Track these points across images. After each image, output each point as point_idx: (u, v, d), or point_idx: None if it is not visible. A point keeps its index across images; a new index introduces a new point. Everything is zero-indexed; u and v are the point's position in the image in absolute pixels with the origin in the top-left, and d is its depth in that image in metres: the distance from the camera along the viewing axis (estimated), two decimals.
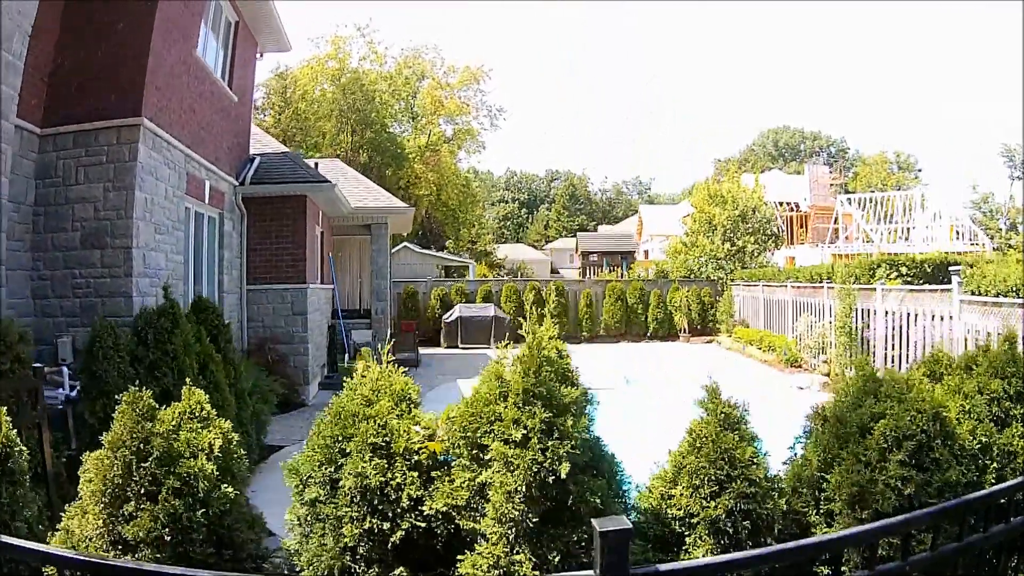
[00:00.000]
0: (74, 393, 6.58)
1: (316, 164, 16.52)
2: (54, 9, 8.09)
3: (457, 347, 21.90)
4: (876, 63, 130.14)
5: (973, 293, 9.59)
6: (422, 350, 20.71)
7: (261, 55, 14.39)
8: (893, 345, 11.80)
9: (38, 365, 7.49)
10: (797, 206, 40.04)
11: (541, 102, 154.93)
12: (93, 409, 6.17)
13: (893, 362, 11.78)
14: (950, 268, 10.53)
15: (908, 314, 11.30)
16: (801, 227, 39.59)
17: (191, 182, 10.26)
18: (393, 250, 26.19)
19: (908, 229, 34.44)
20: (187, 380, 3.79)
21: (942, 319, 10.24)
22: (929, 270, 13.82)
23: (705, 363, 17.51)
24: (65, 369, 7.34)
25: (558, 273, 60.41)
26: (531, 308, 23.17)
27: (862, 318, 12.92)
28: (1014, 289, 8.75)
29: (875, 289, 12.44)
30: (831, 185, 41.03)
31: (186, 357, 6.50)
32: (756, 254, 24.64)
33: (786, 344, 16.21)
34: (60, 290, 8.35)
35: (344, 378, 3.76)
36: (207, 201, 11.09)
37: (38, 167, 8.27)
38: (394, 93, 47.09)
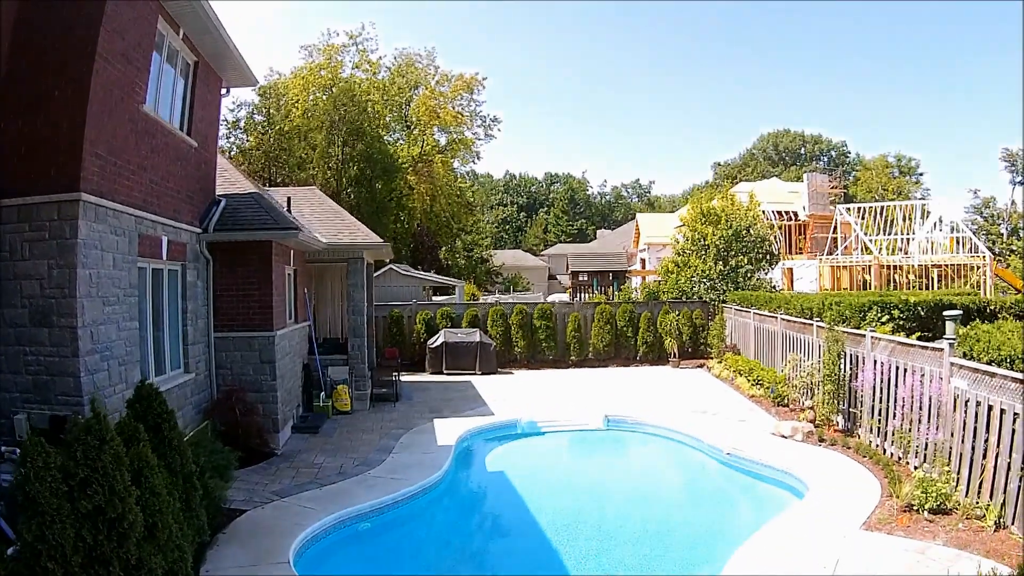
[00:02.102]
0: None
1: (289, 200, 16.22)
2: None
3: (442, 372, 21.60)
4: (876, 64, 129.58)
5: (965, 355, 9.21)
6: (407, 376, 20.50)
7: (227, 91, 14.05)
8: (881, 398, 11.38)
9: None
10: (796, 215, 39.70)
11: (541, 103, 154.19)
12: (29, 528, 5.97)
13: (880, 415, 11.40)
14: (944, 314, 10.15)
15: (897, 367, 10.87)
16: (800, 235, 39.32)
17: (145, 243, 9.98)
18: (378, 272, 25.89)
19: (908, 240, 34.17)
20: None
21: (931, 380, 9.87)
22: (923, 313, 13.41)
23: (690, 397, 17.23)
24: (19, 452, 7.16)
25: (556, 279, 60.33)
26: (517, 333, 22.94)
27: (851, 363, 12.48)
28: (1008, 359, 8.38)
29: (864, 335, 12.00)
30: (830, 194, 40.81)
31: (116, 472, 6.29)
32: (750, 275, 24.21)
33: (775, 379, 15.78)
34: (13, 366, 8.25)
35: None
36: (165, 257, 10.80)
37: None
38: (387, 103, 46.82)
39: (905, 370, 10.60)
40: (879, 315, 13.32)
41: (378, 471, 11.53)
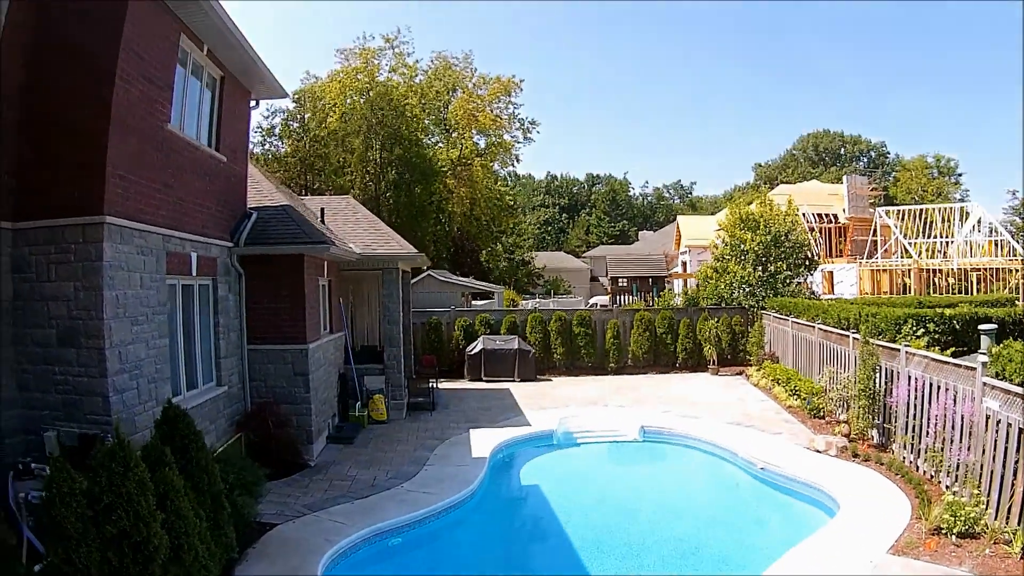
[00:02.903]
0: None
1: (322, 211, 16.27)
2: (12, 100, 7.96)
3: (481, 380, 21.51)
4: (913, 62, 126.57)
5: (997, 375, 8.82)
6: (445, 384, 20.46)
7: (256, 103, 14.04)
8: (914, 414, 11.04)
9: (26, 460, 7.51)
10: (836, 218, 39.26)
11: (582, 103, 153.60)
12: (55, 551, 6.14)
13: (913, 431, 11.08)
14: (980, 328, 9.80)
15: (931, 384, 10.55)
16: (840, 238, 38.81)
17: (173, 260, 10.01)
18: (416, 279, 25.87)
19: (947, 242, 33.63)
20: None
21: (964, 400, 9.51)
22: (958, 327, 13.10)
23: (727, 407, 16.98)
24: (48, 470, 7.25)
25: (597, 280, 59.95)
26: (556, 340, 22.77)
27: (885, 378, 12.18)
28: None
29: (899, 350, 11.65)
30: (870, 196, 40.19)
31: (141, 498, 6.38)
32: (788, 281, 23.74)
33: (812, 391, 15.48)
34: (42, 385, 8.33)
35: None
36: (195, 273, 10.84)
37: (14, 261, 8.24)
38: (425, 107, 46.88)
39: (938, 387, 10.32)
40: (914, 328, 13.10)
41: (410, 484, 11.47)
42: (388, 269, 16.70)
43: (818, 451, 12.39)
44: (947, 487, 9.73)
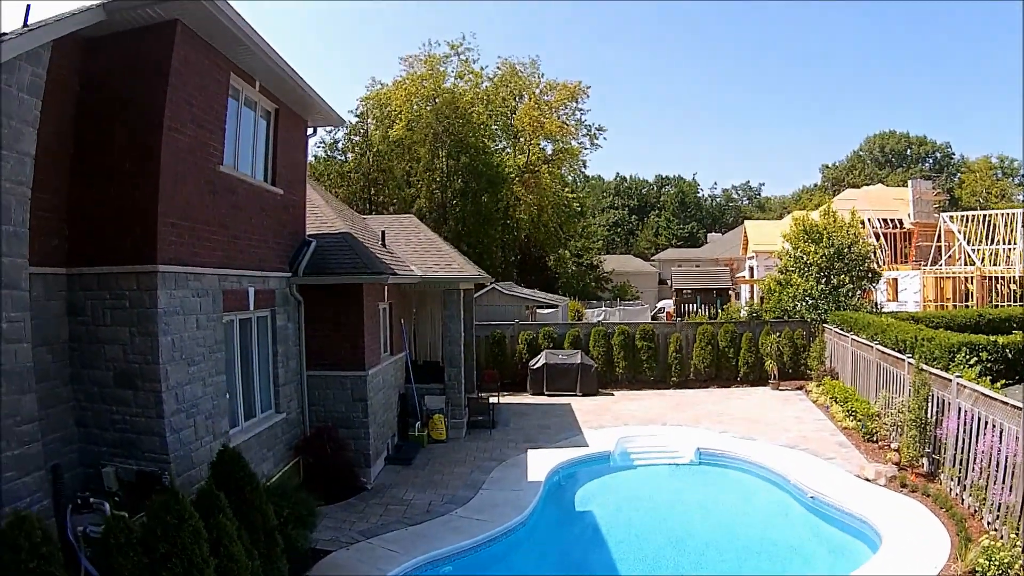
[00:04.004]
0: None
1: (383, 234, 16.47)
2: (63, 153, 8.15)
3: (543, 394, 21.50)
4: (977, 62, 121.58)
5: None
6: (508, 398, 20.59)
7: (314, 131, 14.25)
8: (962, 448, 10.73)
9: (84, 494, 7.83)
10: (901, 223, 38.46)
11: (651, 104, 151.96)
12: None
13: (961, 464, 10.79)
14: None
15: (979, 418, 10.23)
16: (905, 243, 38.04)
17: (230, 297, 10.24)
18: (481, 292, 25.99)
19: (1010, 249, 32.58)
20: None
21: (1008, 438, 9.22)
22: (1011, 356, 12.62)
23: (784, 425, 16.81)
24: (107, 505, 7.57)
25: (666, 283, 59.24)
26: (619, 354, 22.60)
27: (937, 408, 11.86)
28: None
29: (951, 380, 11.26)
30: (934, 200, 39.19)
31: (195, 546, 6.69)
32: (851, 294, 23.09)
33: (867, 413, 15.18)
34: (100, 423, 8.53)
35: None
36: (252, 308, 11.08)
37: (69, 305, 8.45)
38: (492, 114, 47.03)
39: (986, 422, 10.02)
40: (967, 357, 12.76)
41: (464, 510, 11.56)
42: (449, 290, 16.82)
43: (867, 479, 12.30)
44: (988, 523, 9.61)
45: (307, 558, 9.52)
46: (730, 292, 42.82)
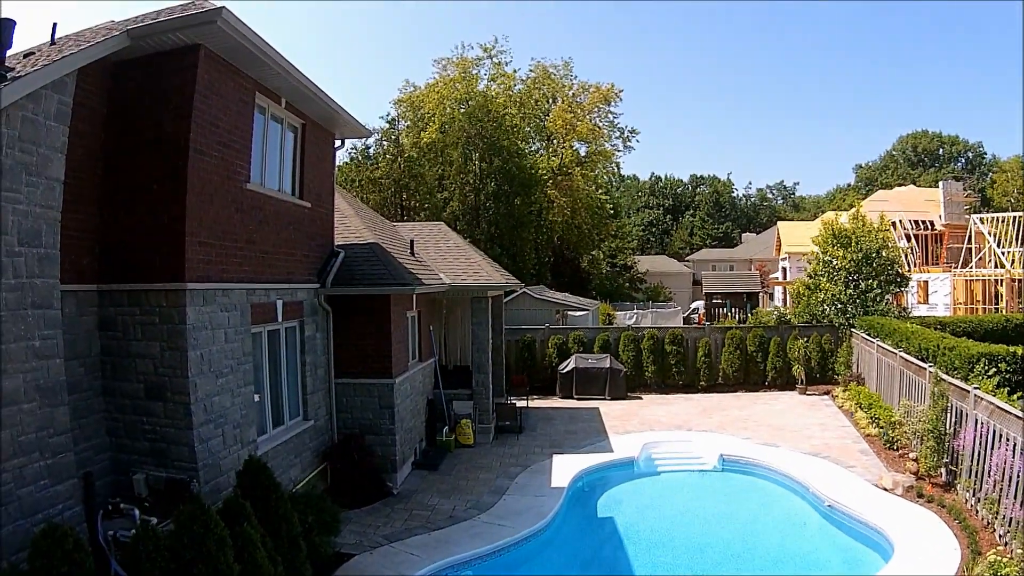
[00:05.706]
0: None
1: (412, 243, 16.75)
2: (93, 174, 8.50)
3: (572, 398, 21.64)
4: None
5: None
6: (537, 402, 20.86)
7: (342, 143, 14.53)
8: (978, 459, 10.68)
9: (115, 500, 8.20)
10: (932, 225, 38.05)
11: (685, 103, 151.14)
12: None
13: (976, 476, 10.76)
14: None
15: (994, 431, 10.18)
16: (936, 245, 37.67)
17: (258, 310, 10.55)
18: (511, 297, 26.19)
19: None
20: None
21: (1019, 452, 9.20)
22: None
23: (808, 431, 16.89)
24: (136, 511, 7.93)
25: (699, 284, 58.96)
26: (648, 358, 22.66)
27: (954, 419, 11.83)
28: None
29: (969, 392, 11.21)
30: (965, 202, 38.76)
31: (220, 554, 6.99)
32: (878, 299, 22.88)
33: (889, 420, 15.09)
34: (131, 433, 8.90)
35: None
36: (280, 320, 11.40)
37: (100, 320, 8.81)
38: (524, 117, 47.18)
39: (1000, 435, 9.97)
40: (986, 368, 12.58)
41: (487, 516, 11.76)
42: (478, 297, 17.04)
43: (885, 489, 12.31)
44: (1000, 536, 9.59)
45: (331, 562, 9.77)
46: (760, 295, 42.68)
